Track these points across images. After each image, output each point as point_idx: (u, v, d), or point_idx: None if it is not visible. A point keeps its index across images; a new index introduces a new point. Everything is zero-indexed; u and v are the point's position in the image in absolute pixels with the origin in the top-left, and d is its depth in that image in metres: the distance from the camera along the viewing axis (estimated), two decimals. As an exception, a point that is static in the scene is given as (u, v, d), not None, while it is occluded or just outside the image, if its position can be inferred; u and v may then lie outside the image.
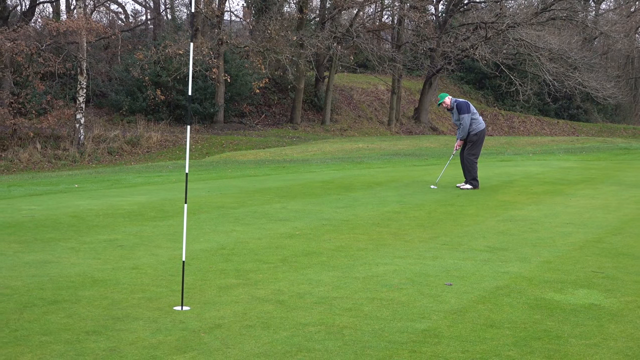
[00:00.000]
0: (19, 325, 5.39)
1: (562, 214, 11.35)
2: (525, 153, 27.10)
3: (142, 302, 6.07)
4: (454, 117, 14.83)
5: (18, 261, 7.57)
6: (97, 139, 32.08)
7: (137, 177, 18.94)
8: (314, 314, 5.80)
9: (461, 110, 14.38)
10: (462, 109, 14.39)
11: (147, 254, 8.02)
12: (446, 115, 47.82)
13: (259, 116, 40.74)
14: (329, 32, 39.56)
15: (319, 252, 8.23)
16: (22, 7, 39.24)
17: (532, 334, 5.39)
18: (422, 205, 12.32)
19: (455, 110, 14.53)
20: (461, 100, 14.87)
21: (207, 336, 5.22)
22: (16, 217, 10.72)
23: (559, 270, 7.45)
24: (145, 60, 34.72)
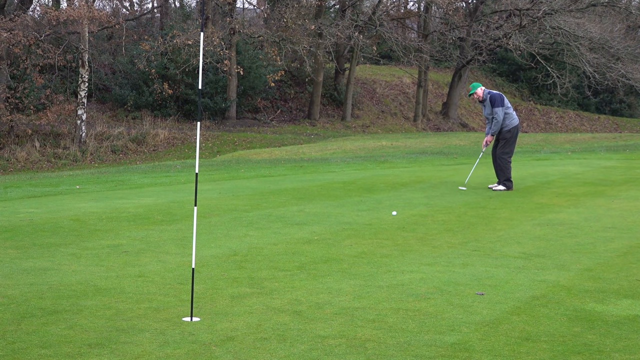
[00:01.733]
0: (17, 337, 5.41)
1: (604, 218, 11.28)
2: (564, 151, 26.96)
3: (149, 312, 6.08)
4: (485, 111, 14.73)
5: (15, 268, 7.60)
6: (100, 137, 32.21)
7: (143, 177, 18.99)
8: (334, 325, 5.79)
9: (495, 103, 14.28)
10: (495, 101, 14.29)
11: (153, 261, 8.04)
12: (477, 109, 47.71)
13: (274, 112, 40.79)
14: (350, 20, 39.54)
15: (340, 259, 8.22)
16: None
17: (572, 347, 5.36)
18: (451, 208, 12.28)
19: (487, 103, 14.44)
20: (495, 92, 14.75)
21: (219, 349, 5.23)
22: (13, 221, 10.76)
23: (600, 278, 7.41)
24: (152, 52, 34.83)
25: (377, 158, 24.65)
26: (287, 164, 22.93)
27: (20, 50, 30.78)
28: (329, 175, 18.39)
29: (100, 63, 37.58)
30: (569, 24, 41.78)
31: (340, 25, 38.52)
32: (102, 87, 37.96)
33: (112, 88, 37.41)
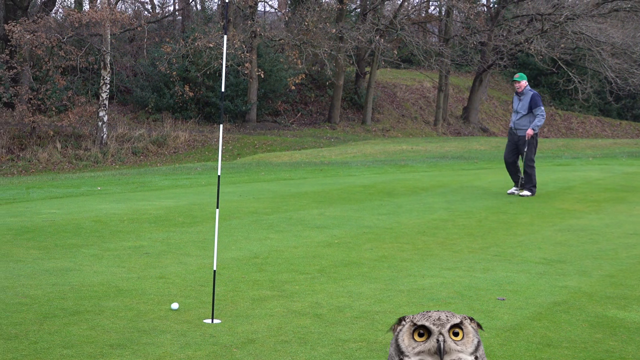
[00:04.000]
0: (39, 337, 5.45)
1: (626, 224, 11.24)
2: (585, 157, 26.85)
3: (170, 314, 6.10)
4: (518, 105, 14.42)
5: (38, 268, 7.64)
6: (121, 139, 32.31)
7: (163, 179, 19.05)
8: (354, 329, 5.80)
9: (538, 101, 14.12)
10: (539, 100, 14.15)
11: (174, 263, 8.07)
12: (498, 114, 47.58)
13: (294, 115, 40.80)
14: (371, 24, 39.50)
15: (360, 263, 8.22)
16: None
17: (593, 354, 5.34)
18: (472, 213, 12.26)
19: (527, 98, 14.18)
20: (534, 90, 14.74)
21: (240, 352, 5.24)
22: (35, 222, 10.82)
23: (622, 285, 7.38)
24: (173, 54, 34.90)
25: (397, 162, 24.62)
26: (307, 167, 22.94)
27: (43, 52, 30.94)
28: (349, 178, 18.39)
29: (122, 65, 37.72)
30: (591, 29, 41.62)
31: (362, 29, 38.50)
32: (124, 89, 38.08)
33: (133, 90, 37.52)
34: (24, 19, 31.33)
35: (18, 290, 6.73)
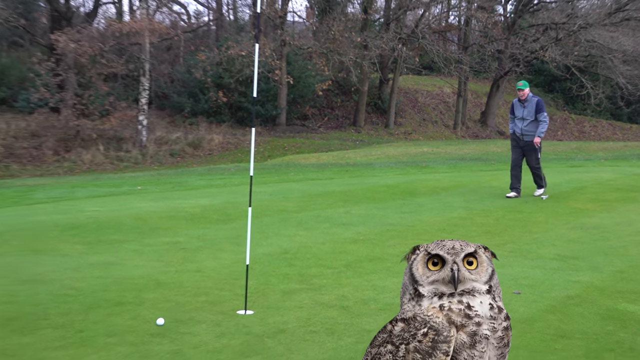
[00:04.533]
0: (84, 326, 5.51)
1: (636, 223, 11.17)
2: (597, 159, 26.67)
3: (206, 305, 6.14)
4: (522, 111, 14.00)
5: (82, 262, 7.72)
6: (159, 141, 32.44)
7: (199, 179, 19.12)
8: (379, 320, 5.80)
9: (542, 107, 13.81)
10: (543, 106, 13.85)
11: (210, 257, 8.11)
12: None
13: (321, 119, 40.78)
14: (394, 33, 39.46)
15: (384, 258, 8.23)
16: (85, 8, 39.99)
17: (605, 345, 5.33)
18: (489, 212, 12.23)
19: (532, 105, 13.82)
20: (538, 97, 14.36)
21: (271, 341, 5.27)
22: (80, 219, 10.91)
23: (632, 280, 7.34)
24: (208, 62, 35.03)
25: (418, 163, 24.57)
26: (334, 168, 22.95)
27: (86, 60, 31.13)
28: (373, 179, 18.37)
29: (160, 72, 37.84)
30: (603, 37, 41.42)
31: (385, 37, 38.45)
32: (162, 94, 38.21)
33: (170, 96, 37.65)
34: (68, 29, 31.54)
35: (65, 283, 6.81)
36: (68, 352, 4.98)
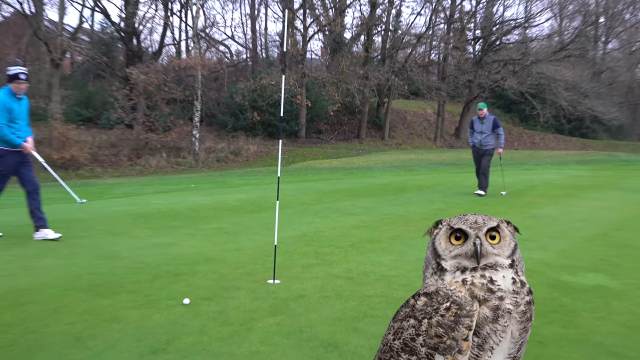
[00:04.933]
0: (150, 292, 5.53)
1: (575, 213, 11.12)
2: (545, 164, 26.60)
3: (243, 276, 6.15)
4: (481, 126, 13.65)
5: (149, 243, 7.75)
6: (208, 150, 32.53)
7: (238, 179, 19.19)
8: (376, 288, 5.80)
9: (499, 123, 13.60)
10: (499, 122, 13.63)
11: (246, 239, 8.12)
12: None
13: (332, 133, 40.76)
14: (388, 67, 39.44)
15: (380, 240, 8.22)
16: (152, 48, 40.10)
17: (551, 308, 5.30)
18: (462, 204, 12.20)
19: (490, 121, 13.56)
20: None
21: (293, 303, 5.27)
22: (147, 209, 10.97)
23: (572, 257, 7.31)
24: (245, 89, 35.12)
25: (407, 167, 24.55)
26: (342, 171, 22.96)
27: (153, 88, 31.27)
28: (372, 179, 18.38)
29: (209, 97, 37.91)
30: (550, 70, 41.48)
31: (381, 70, 38.44)
32: (210, 114, 38.28)
33: (217, 115, 37.72)
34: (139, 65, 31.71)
35: (135, 258, 6.84)
36: (138, 311, 4.99)
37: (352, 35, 40.91)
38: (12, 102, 7.29)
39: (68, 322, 4.72)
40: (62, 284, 5.74)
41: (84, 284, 5.76)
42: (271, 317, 4.91)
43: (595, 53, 51.57)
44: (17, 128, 7.40)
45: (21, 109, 7.45)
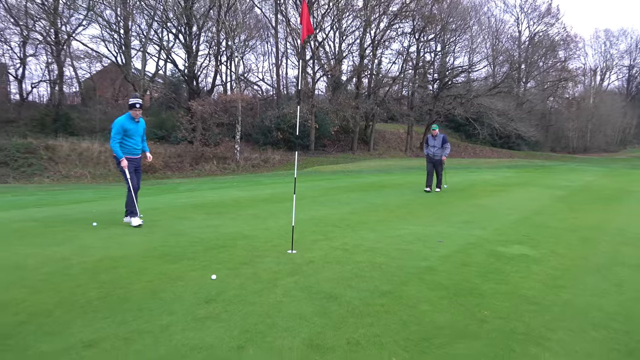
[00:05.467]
0: (204, 259, 5.50)
1: (506, 203, 11.05)
2: (483, 168, 26.47)
3: (270, 247, 6.12)
4: (433, 141, 13.20)
5: (204, 224, 7.72)
6: (246, 159, 32.54)
7: (267, 179, 19.17)
8: (364, 256, 5.76)
9: (446, 140, 13.22)
10: (447, 139, 13.28)
11: (273, 221, 8.09)
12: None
13: (333, 147, 40.64)
14: (373, 100, 39.35)
15: (367, 222, 8.17)
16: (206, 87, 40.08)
17: (488, 270, 5.25)
18: (425, 196, 12.13)
19: (440, 138, 13.11)
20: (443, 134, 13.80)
21: (305, 267, 5.23)
22: (203, 200, 10.95)
23: (504, 234, 7.25)
24: (272, 116, 35.11)
25: (386, 171, 24.47)
26: (340, 174, 22.90)
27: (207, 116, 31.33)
28: (362, 179, 18.32)
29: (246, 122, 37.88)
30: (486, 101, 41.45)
31: (368, 102, 38.35)
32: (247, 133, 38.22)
33: (252, 134, 37.71)
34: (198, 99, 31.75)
35: (194, 235, 6.81)
36: (196, 273, 4.97)
37: (347, 77, 40.85)
38: (129, 123, 7.25)
39: (147, 281, 4.70)
40: (143, 253, 5.72)
41: (158, 253, 5.74)
42: (290, 277, 4.88)
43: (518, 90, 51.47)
44: (133, 142, 7.36)
45: (137, 129, 7.37)
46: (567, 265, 5.54)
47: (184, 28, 34.62)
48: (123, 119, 7.26)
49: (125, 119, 7.26)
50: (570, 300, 4.42)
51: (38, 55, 37.81)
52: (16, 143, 27.47)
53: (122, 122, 7.20)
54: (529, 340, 3.60)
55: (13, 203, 10.30)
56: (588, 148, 60.72)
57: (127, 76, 32.12)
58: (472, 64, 45.92)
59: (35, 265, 5.14)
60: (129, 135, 7.30)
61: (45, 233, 6.74)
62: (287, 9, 38.30)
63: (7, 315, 3.82)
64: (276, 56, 44.31)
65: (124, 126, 7.21)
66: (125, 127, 7.23)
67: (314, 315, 3.94)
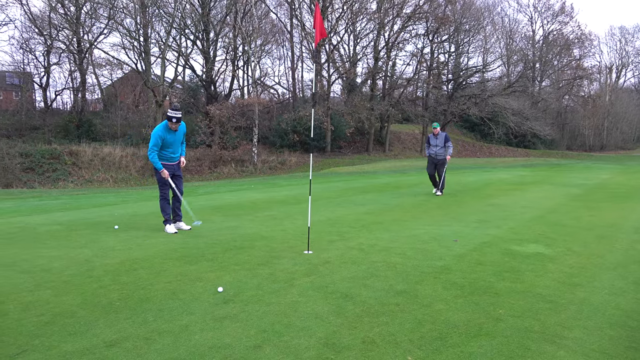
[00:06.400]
0: (223, 260, 5.53)
1: (521, 201, 10.92)
2: (498, 167, 26.20)
3: (287, 248, 6.13)
4: (435, 141, 12.30)
5: (222, 226, 7.77)
6: (263, 161, 32.68)
7: (284, 181, 19.20)
8: (379, 256, 5.74)
9: (449, 139, 12.26)
10: (449, 138, 12.29)
11: (289, 222, 8.11)
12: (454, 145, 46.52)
13: (349, 148, 40.58)
14: (387, 101, 39.21)
15: (382, 222, 8.15)
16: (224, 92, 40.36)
17: (503, 268, 5.20)
18: (440, 197, 12.05)
19: (442, 137, 12.24)
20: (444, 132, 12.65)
21: (321, 267, 5.23)
22: (221, 203, 11.01)
23: (519, 233, 7.17)
24: (288, 119, 35.20)
25: (402, 171, 24.36)
26: (356, 174, 22.86)
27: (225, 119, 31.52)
28: (377, 179, 18.26)
29: (263, 125, 38.04)
30: (501, 101, 41.05)
31: (382, 104, 38.22)
32: (264, 136, 38.36)
33: (269, 137, 37.82)
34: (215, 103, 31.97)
35: (212, 237, 6.85)
36: (214, 274, 5.00)
37: (362, 80, 40.78)
38: (165, 134, 7.07)
39: (166, 282, 4.74)
40: (163, 255, 5.78)
41: (178, 255, 5.79)
42: (306, 277, 4.89)
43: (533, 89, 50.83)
44: (171, 151, 7.21)
45: (174, 139, 7.20)
46: (583, 264, 5.46)
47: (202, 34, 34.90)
48: (160, 129, 7.06)
49: (163, 130, 7.07)
50: (586, 299, 4.35)
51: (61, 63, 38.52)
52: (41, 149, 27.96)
53: (159, 133, 7.03)
54: (544, 339, 3.56)
55: (39, 207, 10.49)
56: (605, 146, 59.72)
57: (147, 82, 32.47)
58: (486, 64, 45.53)
59: (59, 267, 5.22)
60: (166, 145, 7.15)
61: (69, 236, 6.85)
62: (302, 13, 38.40)
63: (32, 316, 3.90)
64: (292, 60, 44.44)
65: (161, 137, 7.05)
66: (162, 137, 7.06)
67: (330, 314, 3.94)
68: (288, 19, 42.37)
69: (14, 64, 39.45)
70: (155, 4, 32.55)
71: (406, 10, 38.62)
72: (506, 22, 55.40)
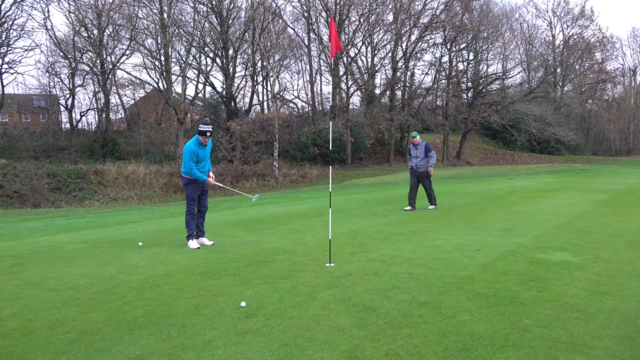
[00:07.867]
0: (245, 275, 5.55)
1: (545, 208, 10.74)
2: (522, 174, 25.81)
3: (309, 261, 6.13)
4: (415, 152, 11.29)
5: (244, 240, 7.80)
6: (284, 175, 32.80)
7: (305, 194, 19.23)
8: (402, 267, 5.69)
9: (430, 148, 11.20)
10: (430, 147, 11.22)
11: (311, 235, 8.11)
12: (476, 154, 46.16)
13: (370, 159, 40.51)
14: (407, 111, 39.10)
15: (404, 233, 8.09)
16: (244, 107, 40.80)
17: (528, 278, 5.10)
18: (463, 206, 11.92)
19: (422, 147, 11.22)
20: (425, 141, 11.61)
21: (343, 280, 5.21)
22: (243, 217, 11.06)
23: (544, 241, 7.04)
24: (308, 132, 35.34)
25: (423, 181, 24.21)
26: (376, 185, 22.78)
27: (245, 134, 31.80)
28: (397, 190, 18.16)
29: (284, 138, 38.27)
30: (523, 107, 40.61)
31: (402, 114, 38.13)
32: (285, 150, 38.56)
33: (289, 150, 38.02)
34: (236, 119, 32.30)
35: (234, 251, 6.89)
36: (237, 288, 5.02)
37: (380, 91, 40.79)
38: (197, 148, 7.14)
39: (189, 297, 4.78)
40: (186, 270, 5.83)
41: (200, 270, 5.83)
42: (328, 290, 4.87)
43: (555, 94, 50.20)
44: (201, 166, 7.30)
45: (205, 153, 7.29)
46: (612, 271, 5.33)
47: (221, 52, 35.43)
48: (193, 145, 7.10)
49: (195, 145, 7.10)
50: (616, 307, 4.24)
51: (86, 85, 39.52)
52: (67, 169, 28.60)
53: (192, 148, 7.07)
54: (572, 349, 3.47)
55: (65, 226, 10.70)
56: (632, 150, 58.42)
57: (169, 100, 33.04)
58: (506, 70, 45.12)
59: (85, 285, 5.31)
60: (198, 160, 7.20)
61: (95, 254, 6.97)
62: (319, 27, 38.71)
63: (59, 334, 3.96)
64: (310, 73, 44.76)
65: (194, 152, 7.09)
66: (196, 153, 7.10)
67: (353, 327, 3.91)
68: (305, 33, 42.78)
69: (40, 87, 40.64)
70: (175, 24, 33.21)
71: (423, 20, 38.64)
72: (525, 28, 54.98)
